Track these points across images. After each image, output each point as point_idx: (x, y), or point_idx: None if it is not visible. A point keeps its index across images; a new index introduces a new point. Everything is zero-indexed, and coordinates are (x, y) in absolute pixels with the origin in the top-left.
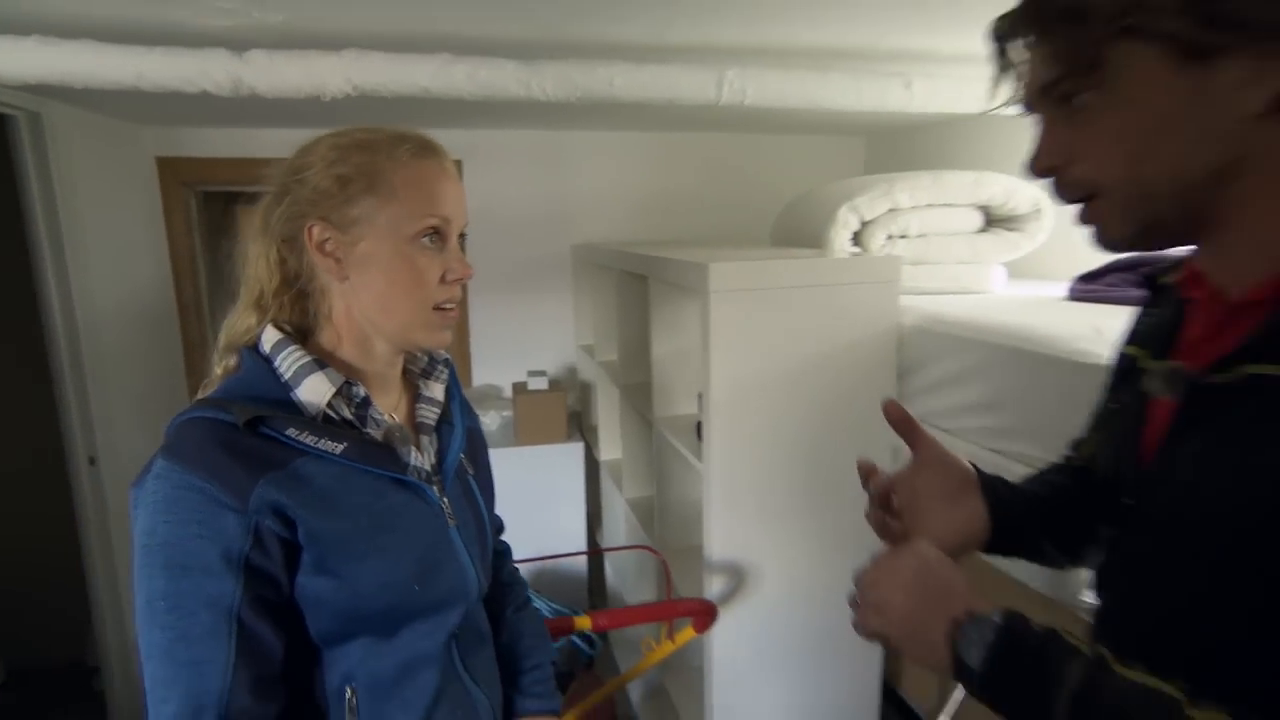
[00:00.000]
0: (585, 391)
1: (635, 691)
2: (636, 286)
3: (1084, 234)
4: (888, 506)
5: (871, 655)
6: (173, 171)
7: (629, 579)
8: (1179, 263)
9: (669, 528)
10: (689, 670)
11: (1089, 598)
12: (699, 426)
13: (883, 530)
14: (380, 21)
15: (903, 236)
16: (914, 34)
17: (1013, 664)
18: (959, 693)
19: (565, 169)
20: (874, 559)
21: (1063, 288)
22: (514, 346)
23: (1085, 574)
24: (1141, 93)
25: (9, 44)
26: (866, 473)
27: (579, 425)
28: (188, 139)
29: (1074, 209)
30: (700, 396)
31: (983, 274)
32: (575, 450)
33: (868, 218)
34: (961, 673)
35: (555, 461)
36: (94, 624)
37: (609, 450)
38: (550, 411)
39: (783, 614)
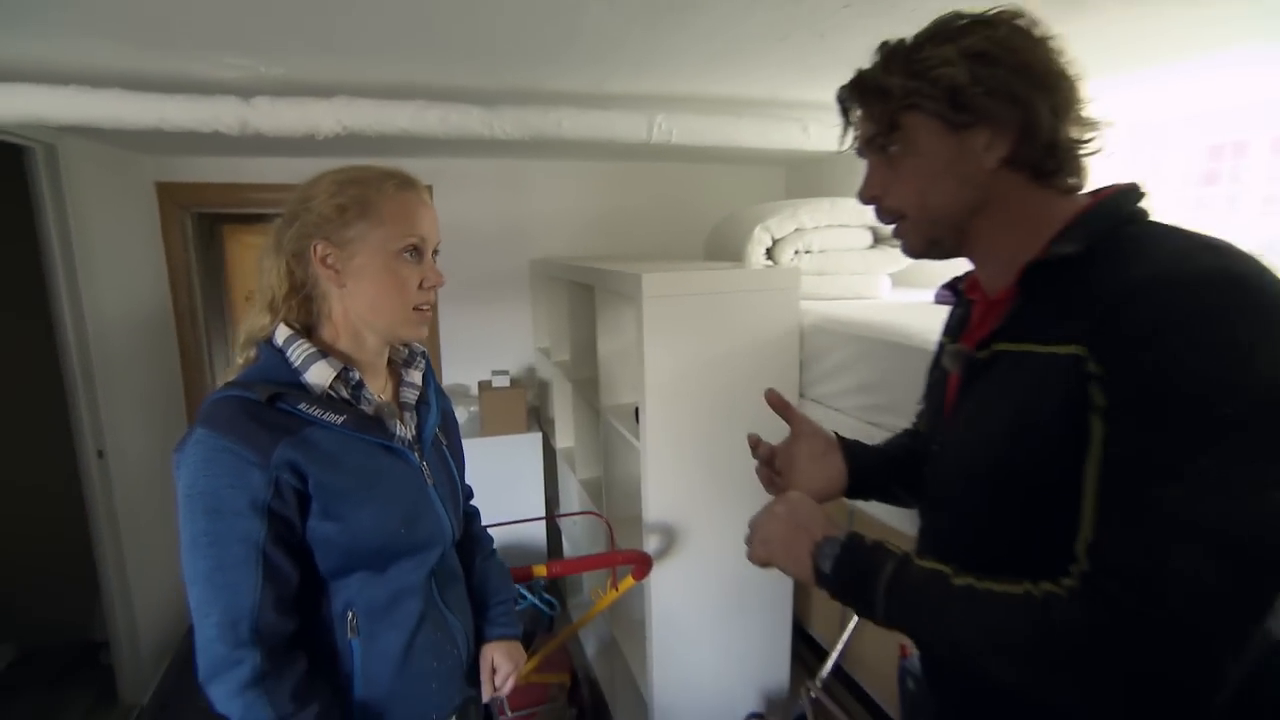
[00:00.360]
0: (543, 388)
1: (590, 647)
2: (585, 295)
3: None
4: (772, 466)
5: (784, 599)
6: (170, 195)
7: (582, 547)
8: (970, 272)
9: (614, 501)
10: (633, 623)
11: None
12: (637, 411)
13: (769, 484)
14: (366, 73)
15: (808, 252)
16: (806, 88)
17: (850, 566)
18: (851, 627)
19: (523, 193)
20: (763, 508)
21: (931, 293)
22: (479, 349)
23: None
24: (925, 149)
25: (52, 91)
26: (754, 444)
27: (538, 418)
28: (183, 166)
29: (893, 227)
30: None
31: (872, 283)
32: (534, 440)
33: (778, 236)
34: (820, 578)
35: (517, 450)
36: (103, 601)
37: (564, 439)
38: (512, 406)
39: (709, 567)
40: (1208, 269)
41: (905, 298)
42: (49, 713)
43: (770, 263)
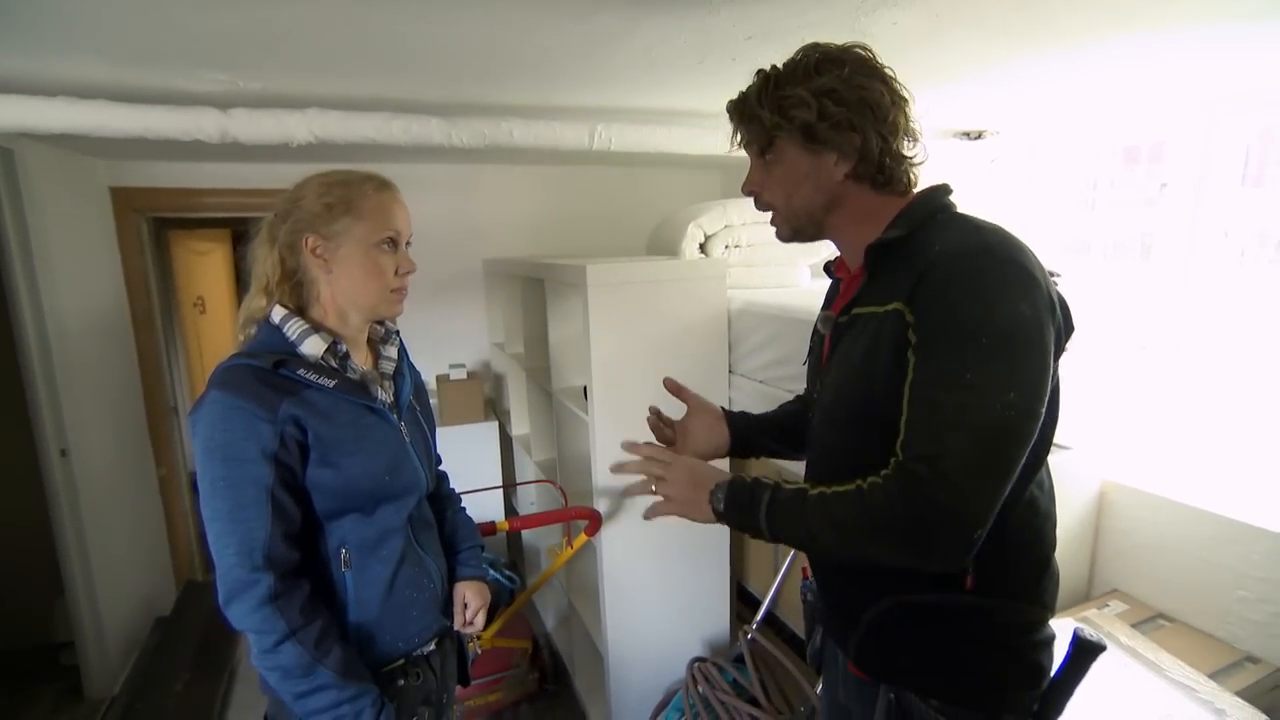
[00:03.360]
0: (499, 380)
1: (549, 619)
2: (536, 289)
3: None
4: (670, 428)
5: (722, 557)
6: (124, 200)
7: None
8: (838, 256)
9: (568, 476)
10: (588, 589)
11: None
12: (585, 390)
13: (656, 430)
14: (336, 87)
15: (736, 246)
16: (725, 101)
17: (735, 499)
18: (780, 577)
19: (478, 197)
20: (662, 463)
21: None
22: (437, 345)
23: None
24: (790, 160)
25: (43, 102)
26: (654, 415)
27: (494, 408)
28: (136, 171)
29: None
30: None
31: (793, 272)
32: (491, 428)
33: (709, 232)
34: (719, 517)
35: (475, 438)
36: (68, 601)
37: (519, 426)
38: (469, 396)
39: (654, 529)
40: (972, 245)
41: (822, 285)
42: (9, 714)
43: (703, 256)
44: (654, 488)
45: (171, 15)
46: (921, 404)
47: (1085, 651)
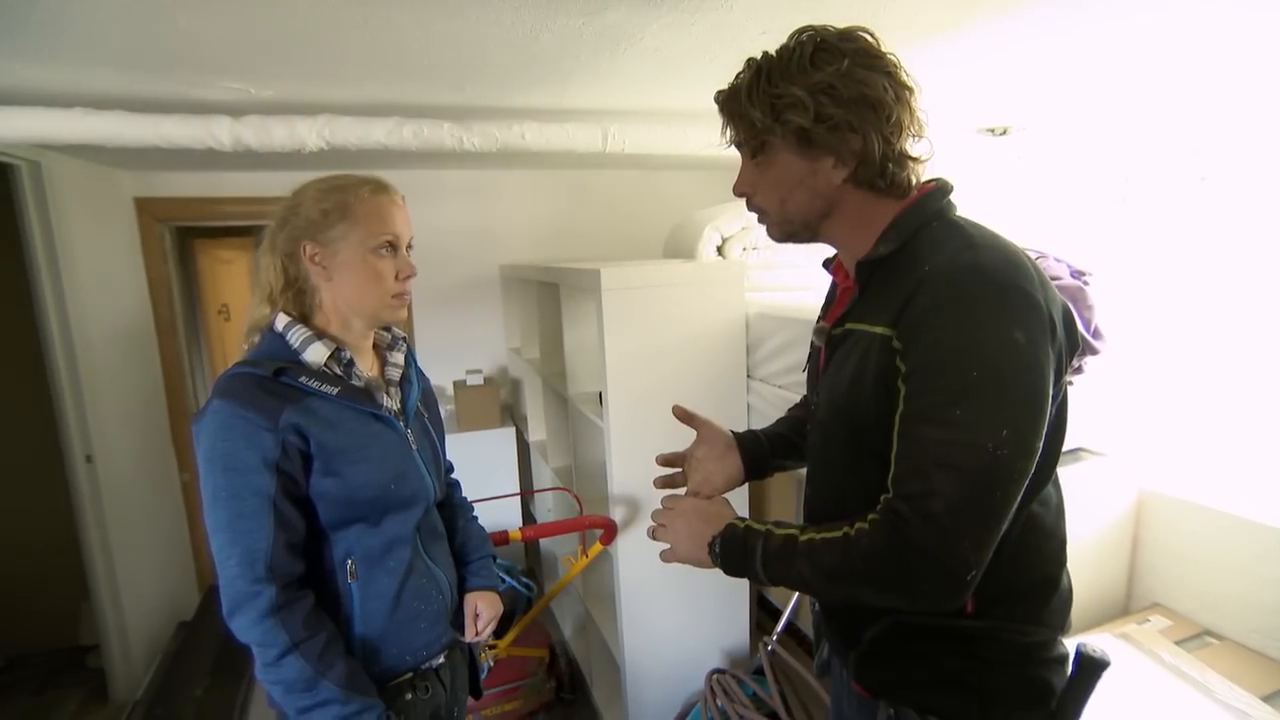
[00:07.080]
0: (515, 386)
1: (566, 627)
2: (551, 294)
3: None
4: (678, 465)
5: None
6: (149, 210)
7: None
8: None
9: (584, 484)
10: (605, 597)
11: None
12: (601, 395)
13: (664, 484)
14: (347, 93)
15: (755, 248)
16: None
17: (729, 552)
18: (797, 594)
19: (492, 202)
20: (665, 511)
21: None
22: (454, 351)
23: None
24: (784, 165)
25: (61, 114)
26: (666, 460)
27: (511, 414)
28: (160, 181)
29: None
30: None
31: (812, 274)
32: (508, 434)
33: (727, 234)
34: (715, 564)
35: (492, 444)
36: (93, 605)
37: (536, 432)
38: (486, 402)
39: None
40: (962, 265)
41: None
42: (38, 715)
43: (721, 258)
44: (655, 536)
45: (184, 24)
46: (910, 439)
47: (1089, 669)
